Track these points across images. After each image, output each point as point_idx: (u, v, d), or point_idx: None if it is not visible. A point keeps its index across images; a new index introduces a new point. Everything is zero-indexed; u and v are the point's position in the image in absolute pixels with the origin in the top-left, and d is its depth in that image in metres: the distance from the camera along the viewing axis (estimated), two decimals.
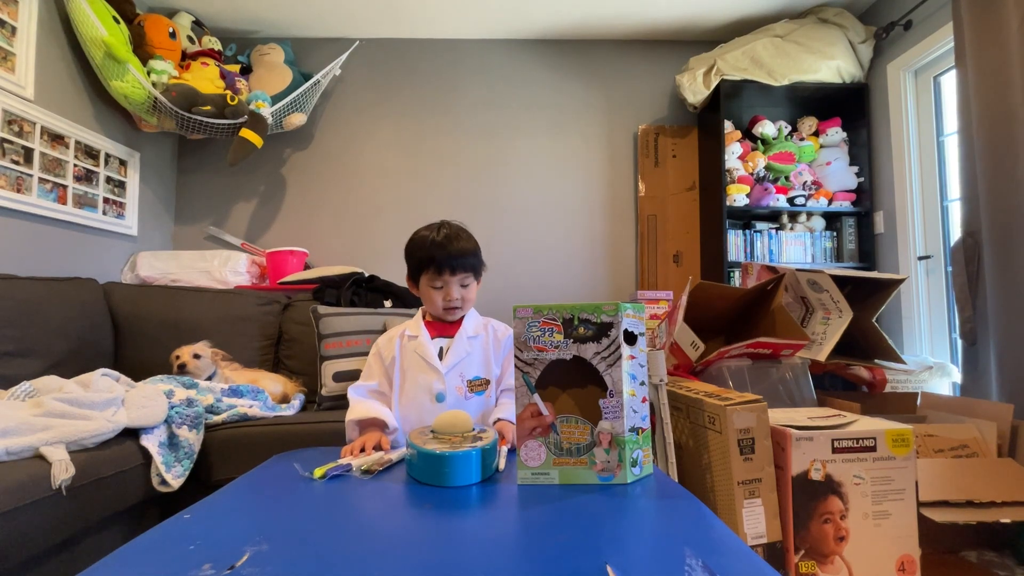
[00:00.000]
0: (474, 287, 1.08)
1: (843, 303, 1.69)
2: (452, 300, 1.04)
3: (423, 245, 1.03)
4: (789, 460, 1.28)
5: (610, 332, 0.66)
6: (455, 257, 1.02)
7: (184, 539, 0.50)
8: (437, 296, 1.04)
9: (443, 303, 1.04)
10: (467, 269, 1.04)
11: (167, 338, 1.75)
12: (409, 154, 2.68)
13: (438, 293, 1.04)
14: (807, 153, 2.48)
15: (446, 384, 1.03)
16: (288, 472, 0.74)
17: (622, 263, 2.69)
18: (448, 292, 1.03)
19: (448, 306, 1.05)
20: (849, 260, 2.45)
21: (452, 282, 1.03)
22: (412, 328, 1.09)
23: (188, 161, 2.63)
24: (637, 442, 0.67)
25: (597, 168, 2.72)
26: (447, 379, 1.03)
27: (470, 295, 1.07)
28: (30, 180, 1.82)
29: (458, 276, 1.04)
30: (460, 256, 1.03)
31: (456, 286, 1.04)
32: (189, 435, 1.21)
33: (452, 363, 1.05)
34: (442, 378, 1.03)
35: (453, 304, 1.04)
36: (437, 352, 1.05)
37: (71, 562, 1.01)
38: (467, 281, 1.05)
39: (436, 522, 0.57)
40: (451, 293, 1.03)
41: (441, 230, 1.04)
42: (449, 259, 1.02)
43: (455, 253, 1.02)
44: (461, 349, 1.06)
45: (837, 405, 1.60)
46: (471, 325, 1.10)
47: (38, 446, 0.96)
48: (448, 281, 1.03)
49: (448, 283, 1.03)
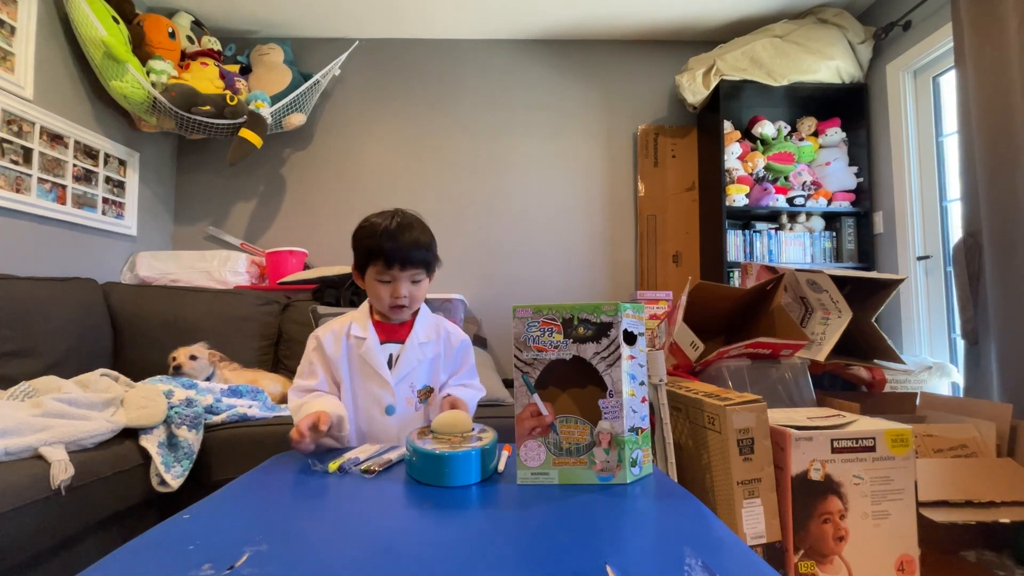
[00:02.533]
0: (425, 284, 0.98)
1: (842, 303, 1.70)
2: (400, 298, 0.94)
3: (372, 233, 0.94)
4: (788, 460, 1.28)
5: (610, 332, 0.66)
6: (407, 249, 0.92)
7: (183, 539, 0.50)
8: (384, 291, 0.94)
9: (390, 300, 0.95)
10: (419, 264, 0.95)
11: (166, 338, 1.74)
12: (408, 154, 2.68)
13: (385, 288, 0.94)
14: (806, 153, 2.48)
15: (396, 396, 0.95)
16: (288, 472, 0.74)
17: (621, 263, 2.69)
18: (396, 288, 0.94)
19: (395, 303, 0.95)
20: (848, 260, 2.45)
21: (402, 277, 0.94)
22: (359, 327, 0.98)
23: (187, 161, 2.62)
24: (637, 442, 0.67)
25: (597, 168, 2.72)
26: (396, 390, 0.96)
27: (420, 293, 0.97)
28: (29, 180, 1.82)
29: (408, 271, 0.94)
30: (412, 249, 0.93)
31: (406, 282, 0.94)
32: (188, 435, 1.21)
33: (402, 374, 0.96)
34: (392, 390, 0.95)
35: (400, 302, 0.95)
36: (387, 360, 0.96)
37: (70, 562, 1.01)
38: (418, 277, 0.96)
39: (435, 522, 0.57)
40: (399, 289, 0.94)
41: (394, 219, 0.94)
42: (399, 251, 0.92)
43: (407, 245, 0.92)
44: (412, 357, 0.97)
45: (836, 405, 1.60)
46: (423, 329, 1.00)
47: (37, 446, 0.96)
48: (397, 276, 0.93)
49: (397, 278, 0.94)
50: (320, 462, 0.78)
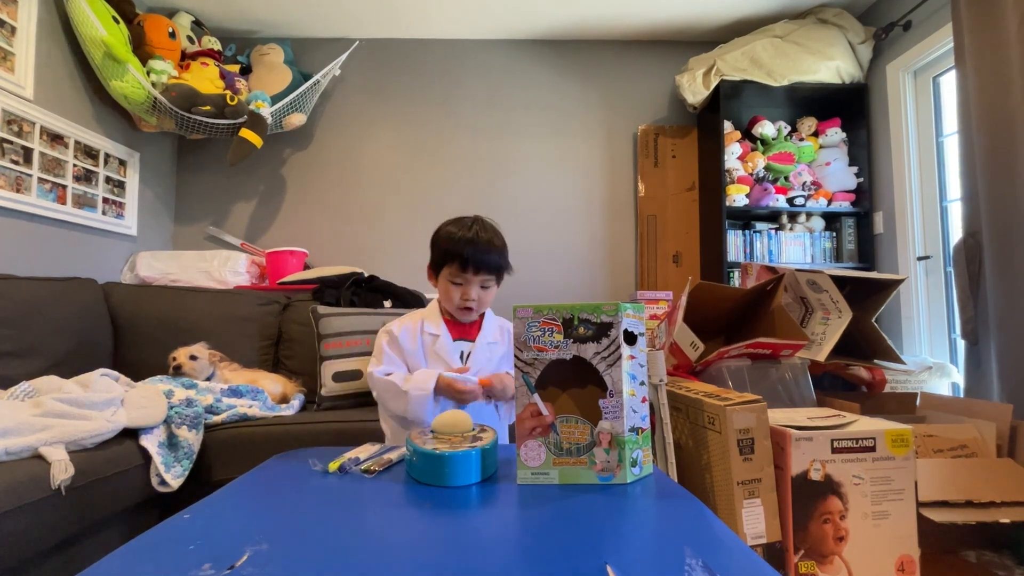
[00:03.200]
0: (493, 290, 1.04)
1: (842, 303, 1.70)
2: (469, 300, 1.00)
3: (452, 237, 1.00)
4: (789, 460, 1.28)
5: (610, 332, 0.66)
6: (482, 255, 0.99)
7: (184, 539, 0.50)
8: (455, 292, 1.00)
9: (459, 301, 1.00)
10: (491, 271, 1.01)
11: (167, 338, 1.74)
12: (409, 154, 2.68)
13: (456, 289, 1.00)
14: (806, 153, 2.48)
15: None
16: (288, 472, 0.74)
17: (622, 263, 2.69)
18: (466, 291, 1.00)
19: (464, 305, 1.01)
20: (848, 260, 2.45)
21: (473, 281, 1.00)
22: (431, 324, 1.04)
23: (188, 161, 2.63)
24: (637, 442, 0.67)
25: (597, 168, 2.72)
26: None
27: (488, 297, 1.03)
28: (29, 180, 1.82)
29: (480, 276, 1.00)
30: (487, 255, 0.99)
31: (476, 286, 1.00)
32: (189, 435, 1.21)
33: (474, 371, 1.01)
34: None
35: (468, 304, 1.00)
36: (459, 356, 1.02)
37: (70, 563, 1.01)
38: (488, 283, 1.02)
39: (436, 522, 0.57)
40: (469, 293, 1.00)
41: (473, 226, 1.01)
42: (475, 257, 0.98)
43: (483, 251, 0.99)
44: (482, 356, 1.03)
45: (836, 405, 1.60)
46: (490, 330, 1.07)
47: (37, 446, 0.96)
48: (469, 280, 1.00)
49: (469, 282, 1.00)
50: (320, 462, 0.78)
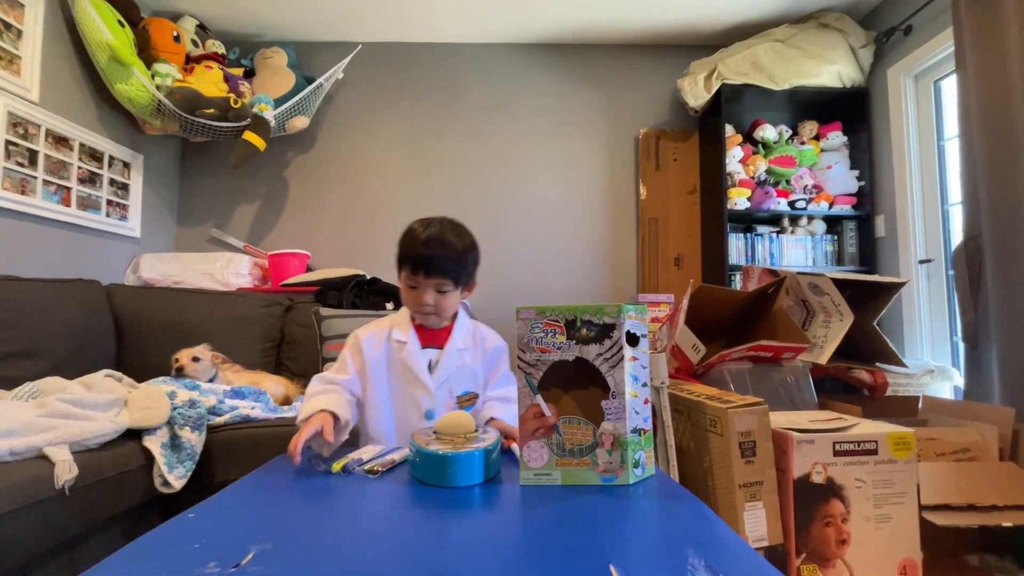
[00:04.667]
0: (454, 296, 0.97)
1: (844, 306, 1.70)
2: (424, 305, 0.94)
3: (409, 238, 0.95)
4: (790, 463, 1.28)
5: (612, 333, 0.66)
6: (436, 260, 0.92)
7: (189, 538, 0.50)
8: (410, 296, 0.96)
9: (415, 306, 0.96)
10: (445, 275, 0.93)
11: (169, 340, 1.74)
12: (411, 157, 2.69)
13: (411, 294, 0.95)
14: (808, 157, 2.49)
15: (435, 401, 0.97)
16: (291, 473, 0.75)
17: (623, 266, 2.69)
18: (421, 296, 0.94)
19: (420, 311, 0.96)
20: (850, 264, 2.45)
21: (426, 285, 0.94)
22: (400, 331, 0.99)
23: (191, 164, 2.64)
24: (639, 443, 0.67)
25: (598, 171, 2.72)
26: (436, 395, 0.97)
27: (448, 303, 0.96)
28: (34, 182, 1.83)
29: (433, 280, 0.94)
30: (439, 259, 0.93)
31: (430, 291, 0.94)
32: (191, 436, 1.21)
33: (442, 379, 0.97)
34: (431, 395, 0.97)
35: (425, 310, 0.95)
36: (427, 364, 0.98)
37: (74, 562, 1.01)
38: (444, 288, 0.95)
39: (439, 522, 0.57)
40: (423, 297, 0.94)
41: (431, 228, 0.94)
42: (424, 260, 0.92)
43: (434, 255, 0.92)
44: (451, 363, 0.98)
45: (838, 408, 1.60)
46: (460, 336, 1.01)
47: (42, 446, 0.97)
48: (422, 284, 0.94)
49: (422, 286, 0.94)
50: (324, 462, 0.79)
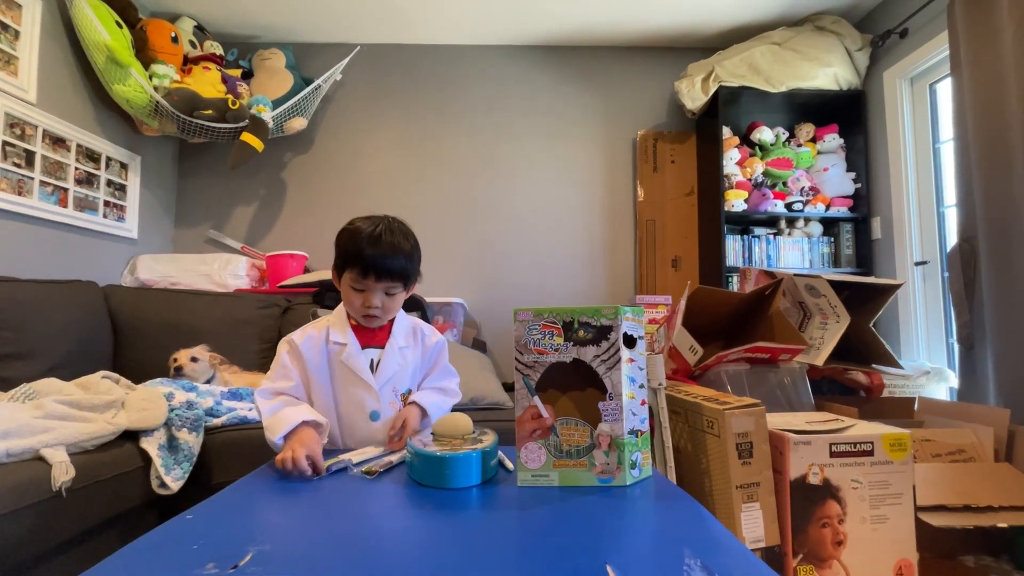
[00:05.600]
0: (401, 297, 0.95)
1: (840, 308, 1.70)
2: (372, 308, 0.91)
3: (354, 238, 0.90)
4: (787, 464, 1.28)
5: (610, 335, 0.67)
6: (384, 261, 0.89)
7: (187, 539, 0.50)
8: (356, 299, 0.92)
9: (361, 309, 0.92)
10: (396, 277, 0.91)
11: (167, 341, 1.74)
12: (409, 159, 2.70)
13: (358, 296, 0.91)
14: (805, 159, 2.50)
15: (380, 402, 0.94)
16: (289, 475, 0.75)
17: (621, 268, 2.70)
18: (368, 298, 0.91)
19: (366, 313, 0.92)
20: (847, 265, 2.46)
21: (376, 288, 0.91)
22: (338, 332, 0.95)
23: (189, 165, 2.64)
24: (636, 444, 0.67)
25: (596, 173, 2.73)
26: (380, 395, 0.94)
27: (394, 304, 0.94)
28: (31, 183, 1.82)
29: (384, 283, 0.91)
30: (390, 261, 0.89)
31: (380, 293, 0.91)
32: (189, 438, 1.21)
33: (385, 378, 0.95)
34: (376, 396, 0.94)
35: (372, 312, 0.92)
36: (368, 364, 0.94)
37: (70, 564, 1.01)
38: (394, 290, 0.93)
39: (437, 523, 0.57)
40: (371, 300, 0.91)
41: (378, 227, 0.90)
42: (376, 262, 0.88)
43: (385, 256, 0.89)
44: (393, 362, 0.96)
45: (835, 410, 1.61)
46: (401, 334, 0.98)
47: (39, 448, 0.97)
48: (371, 287, 0.90)
49: (371, 288, 0.91)
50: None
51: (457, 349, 1.83)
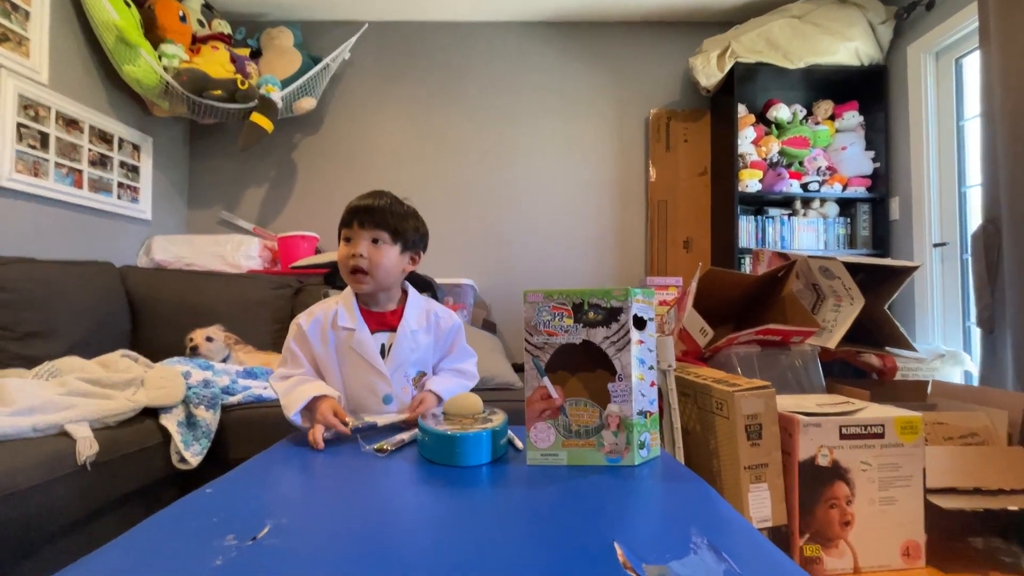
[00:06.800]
0: (389, 252, 0.92)
1: (855, 290, 1.68)
2: (357, 255, 0.90)
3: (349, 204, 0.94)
4: (796, 446, 1.28)
5: (620, 317, 0.67)
6: (368, 208, 0.91)
7: (207, 511, 0.52)
8: (345, 252, 0.92)
9: (348, 260, 0.91)
10: (380, 225, 0.91)
11: (182, 320, 1.78)
12: (418, 138, 2.68)
13: (346, 249, 0.92)
14: (822, 138, 2.44)
15: (392, 386, 0.94)
16: (304, 450, 0.77)
17: (631, 249, 2.68)
18: (353, 246, 0.90)
19: (354, 265, 0.90)
20: (863, 247, 2.42)
21: (362, 235, 0.91)
22: (346, 315, 0.93)
23: (200, 146, 2.64)
24: (645, 425, 0.68)
25: (608, 153, 2.69)
26: (392, 380, 0.94)
27: (382, 259, 0.91)
28: (47, 164, 1.84)
29: (368, 230, 0.90)
30: (375, 208, 0.91)
31: (365, 242, 0.90)
32: (206, 415, 1.24)
33: (396, 363, 0.94)
34: (388, 381, 0.93)
35: (358, 264, 0.90)
36: (379, 350, 0.94)
37: (96, 534, 1.05)
38: (379, 237, 0.91)
39: (446, 500, 0.58)
40: (358, 246, 0.90)
41: (372, 193, 0.95)
42: (360, 207, 0.91)
43: (371, 204, 0.91)
44: (405, 346, 0.94)
45: (846, 392, 1.60)
46: (413, 316, 0.97)
47: (63, 424, 1.00)
48: (357, 233, 0.91)
49: (357, 235, 0.91)
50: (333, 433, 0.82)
51: (467, 330, 1.84)
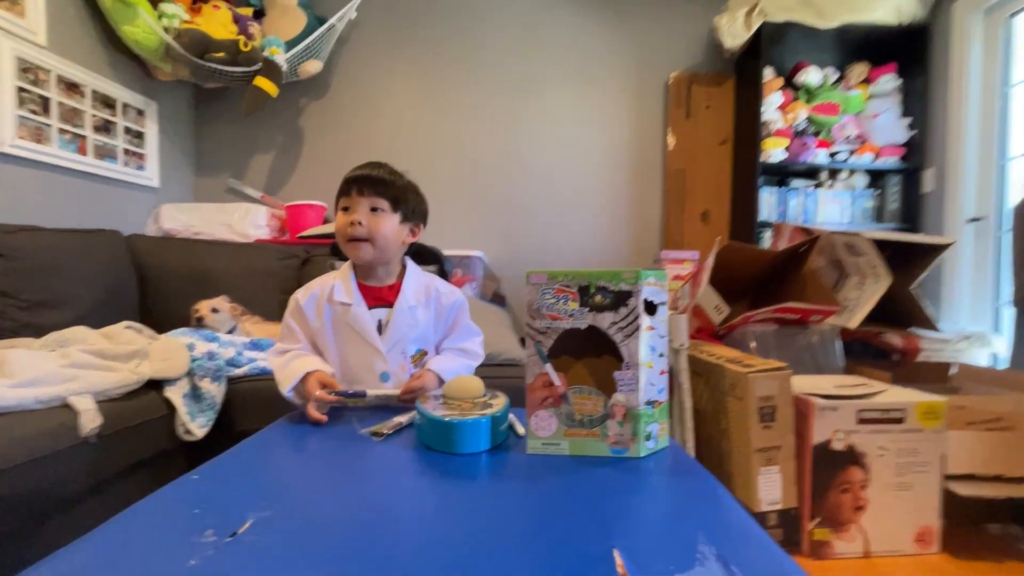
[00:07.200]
0: (389, 220, 0.91)
1: (881, 268, 1.60)
2: (355, 222, 0.88)
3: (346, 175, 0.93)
4: (811, 429, 1.25)
5: (628, 301, 0.62)
6: (366, 176, 0.90)
7: (190, 502, 0.50)
8: (343, 221, 0.90)
9: (346, 229, 0.89)
10: (379, 193, 0.90)
11: (190, 290, 1.77)
12: (426, 102, 2.59)
13: (344, 218, 0.90)
14: (854, 104, 2.29)
15: (389, 364, 0.92)
16: (297, 433, 0.75)
17: (647, 220, 2.60)
18: (351, 214, 0.89)
19: (352, 234, 0.89)
20: (891, 221, 2.31)
21: (360, 202, 0.90)
22: (343, 290, 0.93)
23: (206, 111, 2.59)
24: (653, 416, 0.64)
25: (624, 119, 2.58)
26: (389, 358, 0.92)
27: (381, 227, 0.90)
28: (49, 130, 1.81)
29: (368, 198, 0.90)
30: (373, 176, 0.90)
31: (364, 209, 0.89)
32: (211, 387, 1.24)
33: (393, 340, 0.92)
34: (384, 358, 0.91)
35: (357, 232, 0.88)
36: (376, 326, 0.92)
37: (105, 504, 1.06)
38: (378, 206, 0.90)
39: (442, 493, 0.56)
40: (354, 214, 0.89)
41: (369, 163, 0.93)
42: (357, 178, 0.90)
43: (370, 175, 0.90)
44: (402, 323, 0.92)
45: (866, 373, 1.54)
46: (411, 291, 0.95)
47: (67, 396, 0.99)
48: (355, 200, 0.90)
49: (355, 203, 0.90)
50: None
51: (474, 304, 1.80)
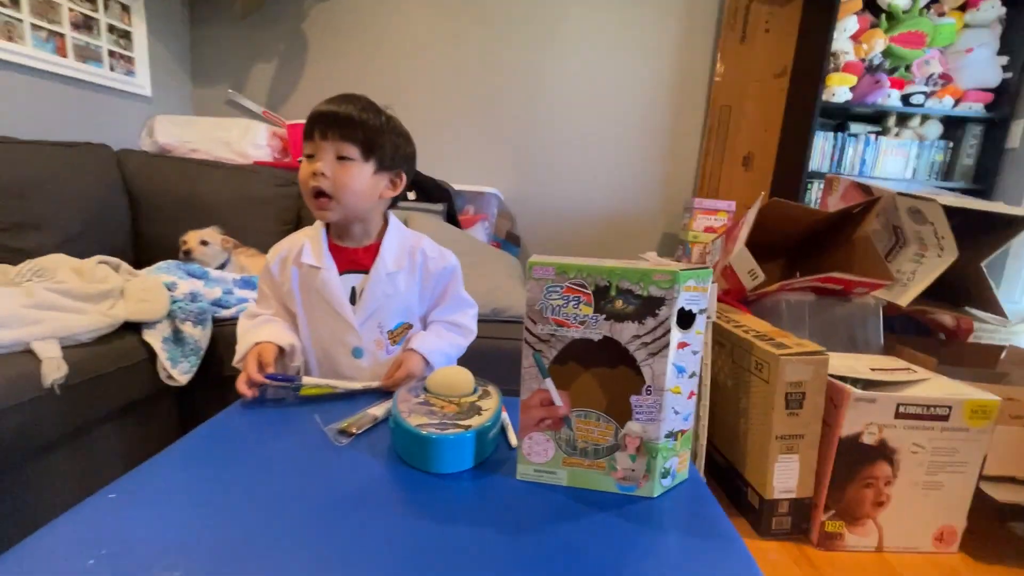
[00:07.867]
0: (358, 171, 0.74)
1: (948, 240, 1.40)
2: (317, 176, 0.73)
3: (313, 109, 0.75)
4: (840, 420, 1.13)
5: (659, 310, 0.48)
6: (334, 117, 0.73)
7: (89, 544, 0.40)
8: (307, 172, 0.74)
9: (308, 181, 0.74)
10: (347, 137, 0.73)
11: (183, 215, 1.66)
12: (445, 15, 2.28)
13: (308, 167, 0.74)
14: (944, 34, 1.94)
15: (362, 339, 0.80)
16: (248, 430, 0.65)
17: (682, 162, 2.35)
18: (315, 162, 0.73)
19: (315, 186, 0.74)
20: (961, 179, 2.04)
21: (325, 148, 0.73)
22: (312, 252, 0.79)
23: (201, 11, 2.33)
24: (674, 449, 0.52)
25: (667, 43, 2.25)
26: (362, 332, 0.80)
27: (349, 180, 0.74)
28: (21, 26, 1.62)
29: (333, 143, 0.73)
30: (341, 115, 0.73)
31: (329, 158, 0.73)
32: (194, 331, 1.15)
33: (368, 312, 0.80)
34: (356, 333, 0.80)
35: (320, 185, 0.73)
36: (348, 295, 0.80)
37: (84, 449, 1.02)
38: (346, 153, 0.73)
39: (408, 530, 0.46)
40: (317, 163, 0.73)
41: (340, 96, 0.75)
42: (323, 117, 0.73)
43: (336, 113, 0.73)
44: (379, 291, 0.79)
45: (908, 356, 1.39)
46: (392, 254, 0.81)
47: (29, 341, 0.92)
48: (319, 147, 0.73)
49: (319, 150, 0.73)
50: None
51: (480, 250, 1.66)
